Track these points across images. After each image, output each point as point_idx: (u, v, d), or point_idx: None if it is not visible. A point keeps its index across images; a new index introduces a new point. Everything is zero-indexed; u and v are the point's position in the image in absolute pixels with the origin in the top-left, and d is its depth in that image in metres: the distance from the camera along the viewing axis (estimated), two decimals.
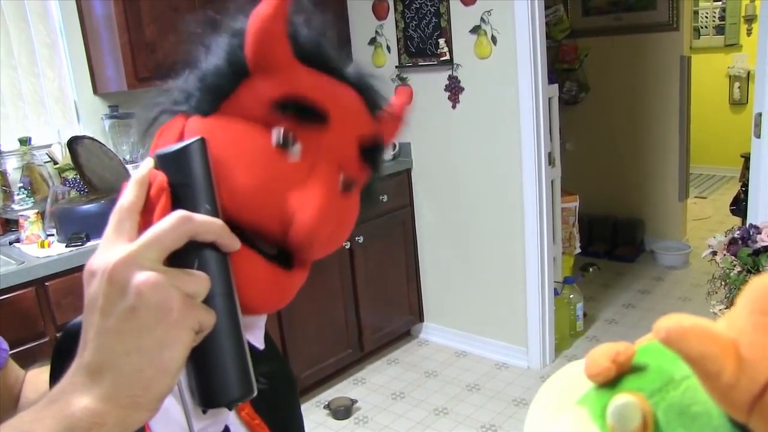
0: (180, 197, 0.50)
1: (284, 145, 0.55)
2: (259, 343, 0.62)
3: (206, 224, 0.47)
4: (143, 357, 0.43)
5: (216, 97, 0.57)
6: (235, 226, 0.52)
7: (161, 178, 0.50)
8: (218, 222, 0.49)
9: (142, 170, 0.51)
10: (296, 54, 0.57)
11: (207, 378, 0.49)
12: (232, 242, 0.49)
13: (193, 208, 0.49)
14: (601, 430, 0.34)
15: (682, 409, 0.32)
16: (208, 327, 0.47)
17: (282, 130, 0.55)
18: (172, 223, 0.46)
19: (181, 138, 0.56)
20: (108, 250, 0.46)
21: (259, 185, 0.54)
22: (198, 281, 0.46)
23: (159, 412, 0.48)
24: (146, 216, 0.49)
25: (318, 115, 0.56)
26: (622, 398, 0.33)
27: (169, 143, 0.56)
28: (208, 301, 0.47)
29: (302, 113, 0.55)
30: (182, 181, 0.50)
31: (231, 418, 0.62)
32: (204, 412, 0.53)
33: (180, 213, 0.46)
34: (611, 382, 0.36)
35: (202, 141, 0.52)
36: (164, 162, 0.51)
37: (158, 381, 0.44)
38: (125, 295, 0.43)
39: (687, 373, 0.32)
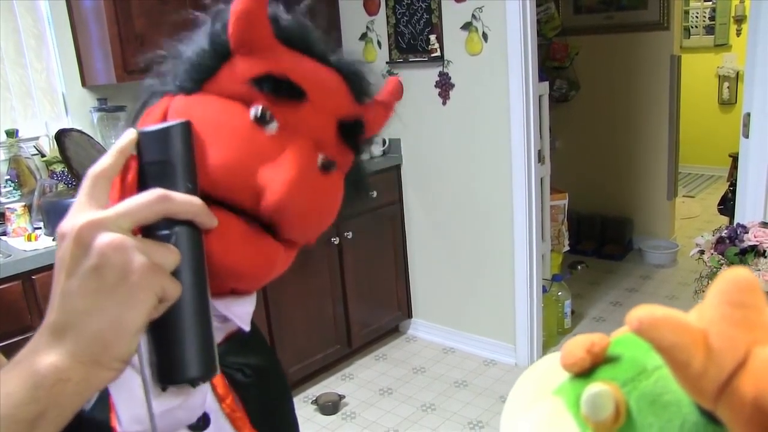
0: (161, 174, 0.51)
1: (261, 121, 0.57)
2: (245, 325, 0.62)
3: (184, 204, 0.48)
4: (103, 317, 0.44)
5: (199, 76, 0.59)
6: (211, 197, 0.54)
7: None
8: (197, 201, 0.49)
9: (124, 139, 0.52)
10: (279, 36, 0.59)
11: (167, 353, 0.49)
12: (209, 221, 0.50)
13: (174, 186, 0.50)
14: (575, 418, 0.35)
15: (654, 398, 0.32)
16: (173, 297, 0.47)
17: (260, 107, 0.57)
18: (149, 200, 0.47)
19: (165, 116, 0.58)
20: (78, 214, 0.46)
21: (234, 160, 0.55)
22: (166, 253, 0.47)
23: (123, 390, 0.49)
24: (122, 185, 0.51)
25: (295, 92, 0.57)
26: (595, 387, 0.33)
27: (153, 122, 0.58)
28: (177, 275, 0.48)
29: (279, 89, 0.57)
30: (165, 158, 0.51)
31: (212, 405, 0.61)
32: (163, 389, 0.52)
33: (159, 192, 0.47)
34: (586, 372, 0.36)
35: (188, 124, 0.53)
36: (149, 139, 0.52)
37: (117, 342, 0.45)
38: (89, 255, 0.44)
39: (659, 364, 0.33)
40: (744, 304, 0.28)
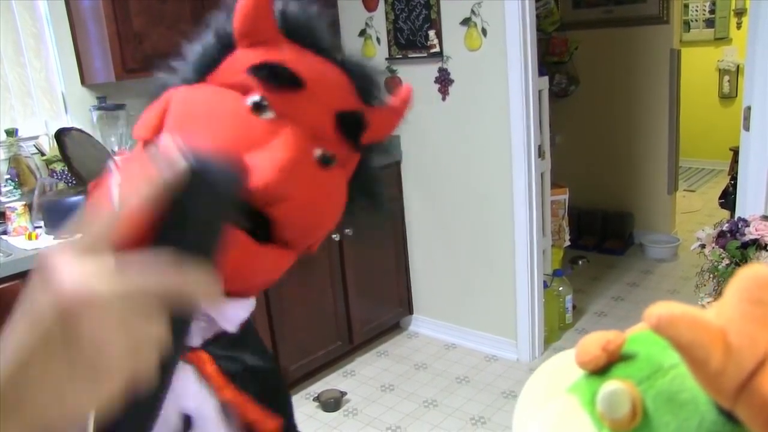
0: (181, 227, 0.40)
1: (258, 109, 0.57)
2: (231, 327, 0.61)
3: (198, 293, 0.38)
4: (54, 397, 0.37)
5: (201, 67, 0.60)
6: None
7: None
8: (214, 290, 0.39)
9: (167, 173, 0.38)
10: (283, 29, 0.60)
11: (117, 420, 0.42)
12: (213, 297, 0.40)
13: (188, 249, 0.40)
14: (591, 416, 0.35)
15: (670, 396, 0.32)
16: (141, 382, 0.38)
17: (258, 95, 0.57)
18: (159, 286, 0.37)
19: (166, 108, 0.58)
20: (74, 262, 0.36)
21: (223, 143, 0.55)
22: (152, 331, 0.37)
23: None
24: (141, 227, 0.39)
25: (292, 80, 0.57)
26: (611, 385, 0.33)
27: (154, 114, 0.57)
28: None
29: (276, 77, 0.57)
30: (198, 215, 0.40)
31: (198, 406, 0.59)
32: None
33: (178, 279, 0.37)
34: (601, 369, 0.36)
35: (243, 173, 0.42)
36: (193, 180, 0.39)
37: (60, 423, 0.38)
38: (69, 339, 0.36)
39: (675, 362, 0.32)
40: (764, 301, 0.28)
